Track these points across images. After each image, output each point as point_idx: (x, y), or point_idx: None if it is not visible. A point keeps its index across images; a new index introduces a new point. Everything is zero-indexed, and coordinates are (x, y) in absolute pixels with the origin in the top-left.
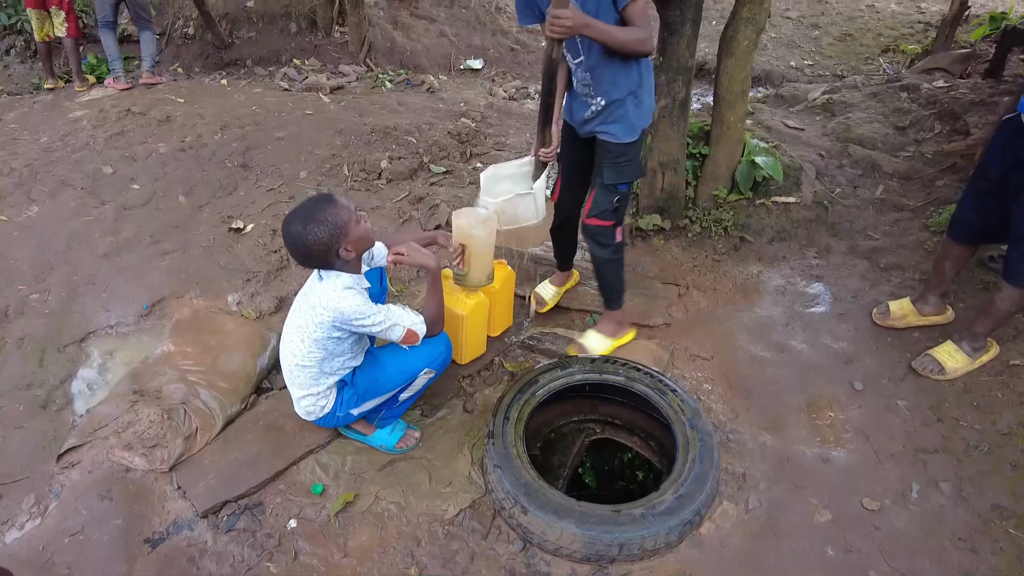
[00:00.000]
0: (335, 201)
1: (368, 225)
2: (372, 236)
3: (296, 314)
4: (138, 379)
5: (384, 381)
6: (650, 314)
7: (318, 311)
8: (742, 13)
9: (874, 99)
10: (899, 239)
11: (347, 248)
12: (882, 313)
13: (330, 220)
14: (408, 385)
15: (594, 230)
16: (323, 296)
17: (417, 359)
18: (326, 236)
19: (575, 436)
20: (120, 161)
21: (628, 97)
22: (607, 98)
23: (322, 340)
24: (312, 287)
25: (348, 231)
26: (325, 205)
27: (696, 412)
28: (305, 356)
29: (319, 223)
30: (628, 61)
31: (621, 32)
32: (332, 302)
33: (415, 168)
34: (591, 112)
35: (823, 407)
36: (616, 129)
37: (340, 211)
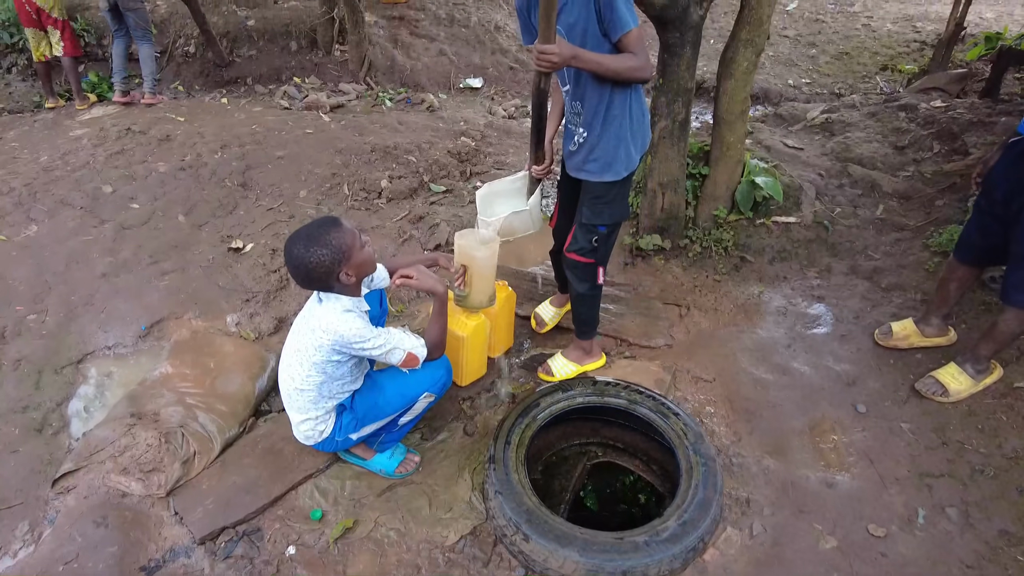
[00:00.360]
0: (340, 224)
1: (371, 250)
2: (375, 261)
3: (295, 337)
4: (136, 402)
5: (383, 405)
6: (651, 335)
7: (317, 334)
8: (741, 35)
9: (873, 119)
10: (900, 259)
11: (348, 272)
12: (884, 334)
13: (333, 243)
14: (408, 409)
15: (572, 263)
16: (322, 319)
17: (417, 383)
18: (328, 259)
19: (577, 460)
20: (120, 180)
21: (610, 134)
22: (589, 131)
23: (321, 364)
24: (311, 310)
25: (351, 255)
26: (329, 228)
27: (699, 436)
28: (304, 380)
29: (322, 246)
30: (616, 94)
31: (614, 61)
32: (332, 325)
33: (415, 187)
34: (575, 144)
35: (826, 430)
36: (594, 168)
37: (344, 235)
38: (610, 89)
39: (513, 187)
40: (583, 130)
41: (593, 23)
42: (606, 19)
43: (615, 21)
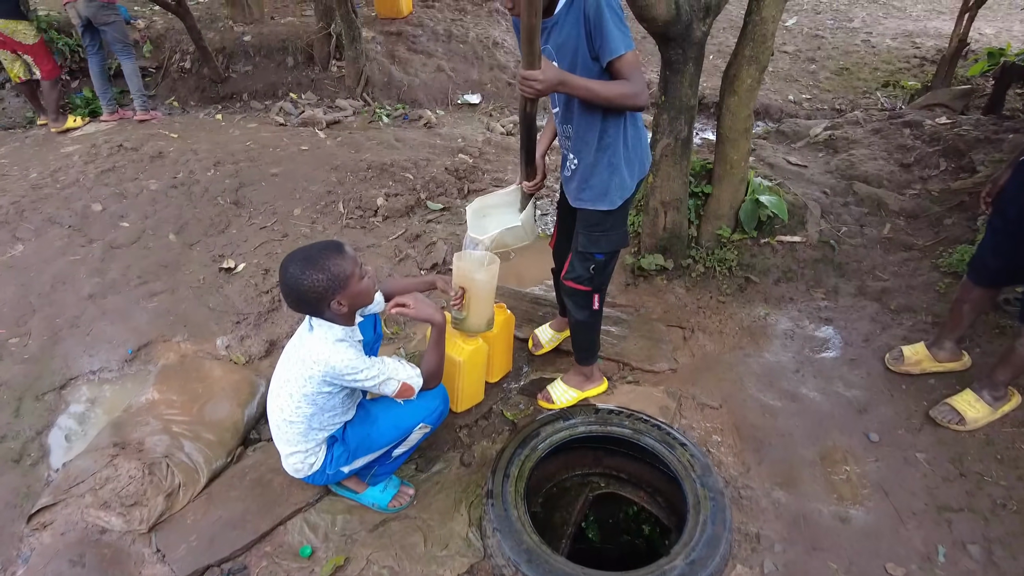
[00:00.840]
0: (342, 251)
1: (371, 283)
2: (373, 294)
3: (284, 366)
4: (119, 430)
5: (376, 437)
6: (654, 359)
7: (307, 365)
8: (745, 52)
9: (877, 135)
10: (909, 280)
11: (341, 302)
12: (895, 359)
13: (331, 269)
14: (402, 441)
15: (570, 291)
16: (313, 349)
17: (412, 414)
18: (323, 285)
19: (578, 491)
20: (110, 198)
21: (602, 162)
22: (580, 159)
23: (312, 395)
24: (301, 338)
25: (347, 285)
26: (330, 253)
27: (707, 468)
28: (293, 412)
29: (319, 270)
30: (608, 119)
31: (605, 87)
32: (322, 356)
33: (412, 205)
34: (568, 170)
35: (838, 460)
36: (588, 196)
37: (344, 262)
38: (602, 115)
39: (505, 201)
40: (574, 157)
41: (583, 44)
42: (596, 42)
43: (606, 45)
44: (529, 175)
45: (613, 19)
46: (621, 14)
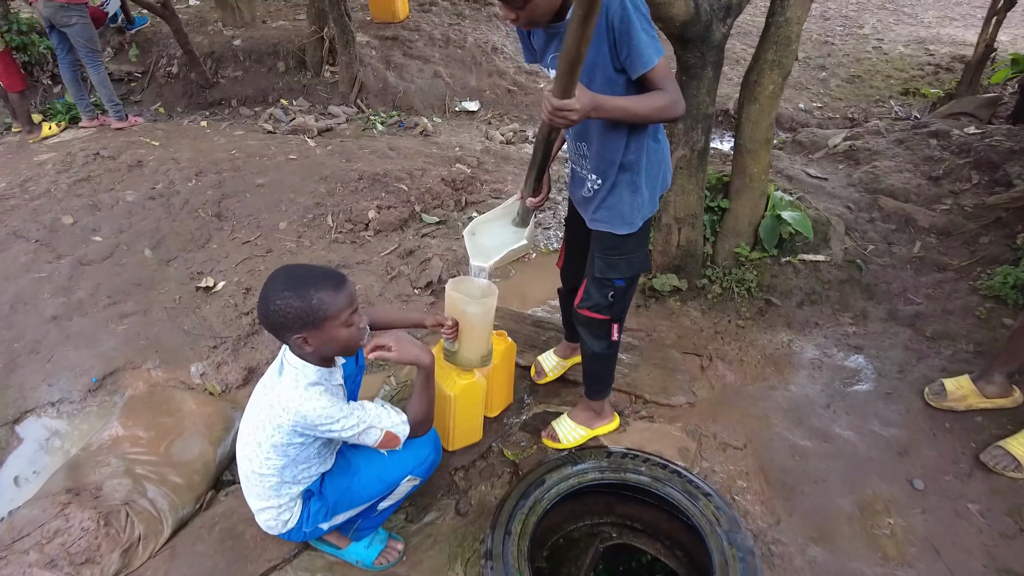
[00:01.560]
0: (339, 287)
1: (356, 334)
2: (354, 345)
3: (253, 410)
4: (76, 472)
5: (358, 491)
6: (670, 391)
7: (276, 411)
8: (767, 56)
9: (901, 146)
10: (944, 303)
11: (307, 340)
12: (936, 393)
13: (312, 301)
14: (388, 495)
15: (585, 320)
16: (283, 394)
17: (398, 465)
18: (293, 314)
19: (587, 542)
20: (82, 210)
21: (623, 182)
22: (603, 178)
23: (281, 446)
24: (272, 379)
25: (322, 326)
26: (322, 282)
27: (734, 522)
28: (263, 463)
29: (299, 296)
30: (632, 135)
31: (640, 104)
32: (293, 403)
33: (406, 218)
34: (588, 191)
35: (879, 511)
36: (605, 218)
37: (333, 299)
38: (627, 132)
39: (501, 216)
40: (596, 177)
41: (605, 55)
42: (623, 54)
43: (637, 57)
44: (535, 191)
45: (642, 24)
46: (648, 16)
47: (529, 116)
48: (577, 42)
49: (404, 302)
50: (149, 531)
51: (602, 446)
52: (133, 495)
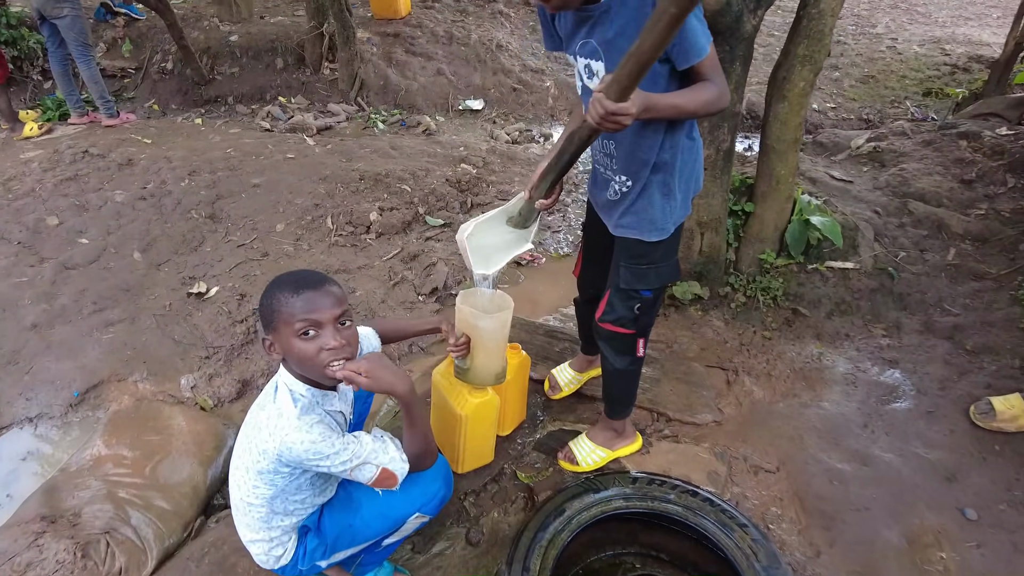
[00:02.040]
0: (301, 290)
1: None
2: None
3: (245, 432)
4: (52, 496)
5: (361, 529)
6: (695, 408)
7: (263, 436)
8: (798, 51)
9: (929, 147)
10: (984, 315)
11: (272, 345)
12: (984, 413)
13: (272, 301)
14: (393, 532)
15: (608, 335)
16: (271, 419)
17: (406, 502)
18: (260, 311)
19: (609, 574)
20: (68, 211)
21: (655, 183)
22: (634, 179)
23: (268, 474)
24: (265, 398)
25: (279, 331)
26: (293, 281)
27: (773, 557)
28: (250, 491)
29: (267, 295)
30: (668, 133)
31: (690, 100)
32: (280, 430)
33: (409, 220)
34: (614, 193)
35: (929, 544)
36: (633, 224)
37: (288, 301)
38: (663, 128)
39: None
40: (625, 178)
41: None
42: (675, 43)
43: (690, 46)
44: (548, 193)
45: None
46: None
47: (535, 115)
48: (658, 45)
49: (408, 310)
50: (131, 563)
51: (625, 470)
52: (115, 522)
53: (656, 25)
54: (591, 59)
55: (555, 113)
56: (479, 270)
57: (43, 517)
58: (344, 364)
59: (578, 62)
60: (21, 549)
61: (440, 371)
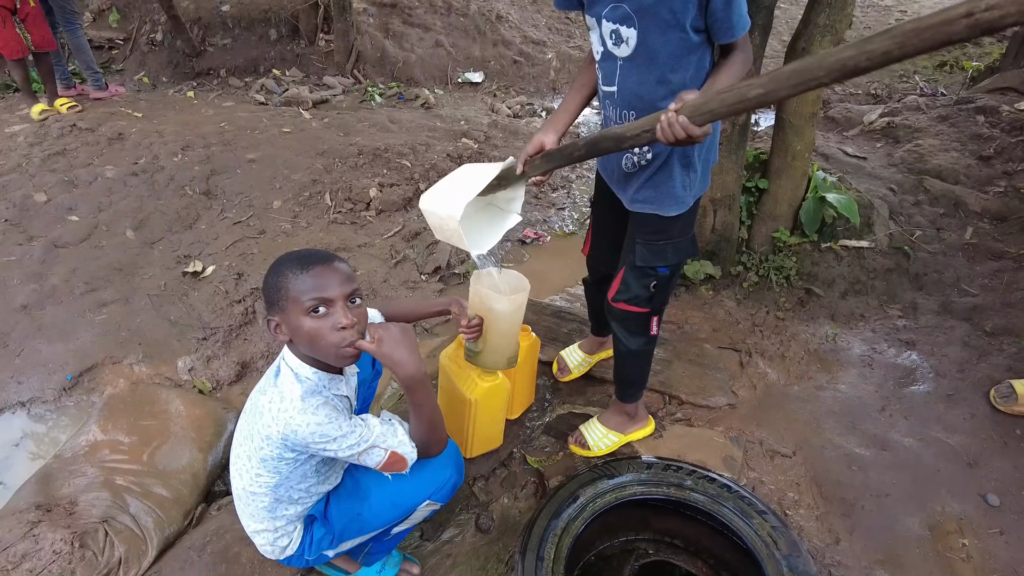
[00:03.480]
0: (310, 266)
1: (327, 331)
2: (326, 348)
3: (246, 418)
4: (47, 484)
5: (369, 518)
6: (708, 391)
7: (266, 420)
8: (818, 20)
9: (944, 123)
10: (1004, 295)
11: (278, 325)
12: (1005, 396)
13: (278, 278)
14: (403, 520)
15: (621, 315)
16: (275, 401)
17: (415, 489)
18: (265, 290)
19: (622, 560)
20: (57, 187)
21: (675, 155)
22: (655, 148)
23: (271, 460)
24: (267, 381)
25: (287, 310)
26: (301, 259)
27: (794, 546)
28: (253, 479)
29: (272, 273)
30: None
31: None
32: (284, 413)
33: (409, 197)
34: (631, 165)
35: (951, 531)
36: (651, 197)
37: (297, 277)
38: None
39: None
40: (646, 148)
41: (691, 15)
42: (721, 17)
43: (736, 19)
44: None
45: None
46: None
47: (536, 88)
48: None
49: (410, 289)
50: (131, 553)
51: (637, 455)
52: (113, 511)
53: (795, 87)
54: (622, 25)
55: (557, 86)
56: (476, 251)
57: (38, 506)
58: None
59: (602, 26)
60: (16, 539)
61: (448, 354)
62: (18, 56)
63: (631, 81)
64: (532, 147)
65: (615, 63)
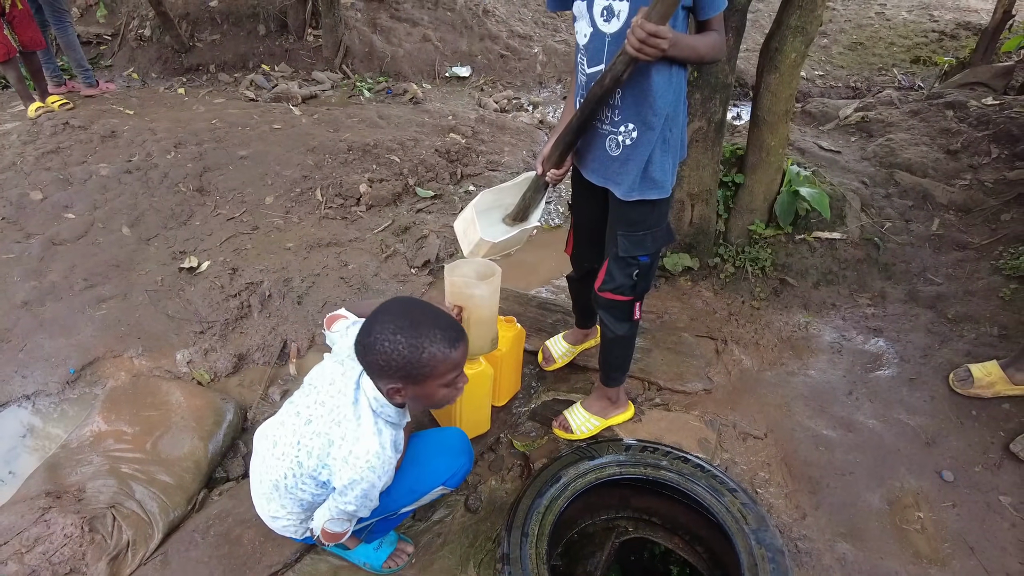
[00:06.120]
0: (456, 345)
1: (453, 394)
2: (446, 403)
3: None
4: (55, 472)
5: (387, 503)
6: (685, 377)
7: (336, 462)
8: (790, 21)
9: (916, 118)
10: (966, 284)
11: (399, 391)
12: (962, 380)
13: (423, 356)
14: (417, 500)
15: (608, 303)
16: (352, 444)
17: (433, 476)
18: (397, 363)
19: (603, 537)
20: (52, 185)
21: (656, 135)
22: (640, 127)
23: (329, 487)
24: (344, 407)
25: (425, 380)
26: (441, 336)
27: (762, 520)
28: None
29: (411, 345)
30: (672, 78)
31: (703, 43)
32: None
33: (399, 192)
34: (615, 146)
35: (908, 505)
36: (635, 183)
37: (446, 358)
38: (668, 70)
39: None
40: (632, 127)
41: None
42: None
43: None
44: (560, 162)
45: None
46: None
47: (523, 83)
48: None
49: (401, 283)
50: (138, 536)
51: (618, 437)
52: (119, 497)
53: None
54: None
55: (543, 80)
56: (488, 237)
57: (48, 493)
58: None
59: (595, 6)
60: (28, 524)
61: None
62: (5, 58)
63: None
64: (547, 149)
65: (604, 40)
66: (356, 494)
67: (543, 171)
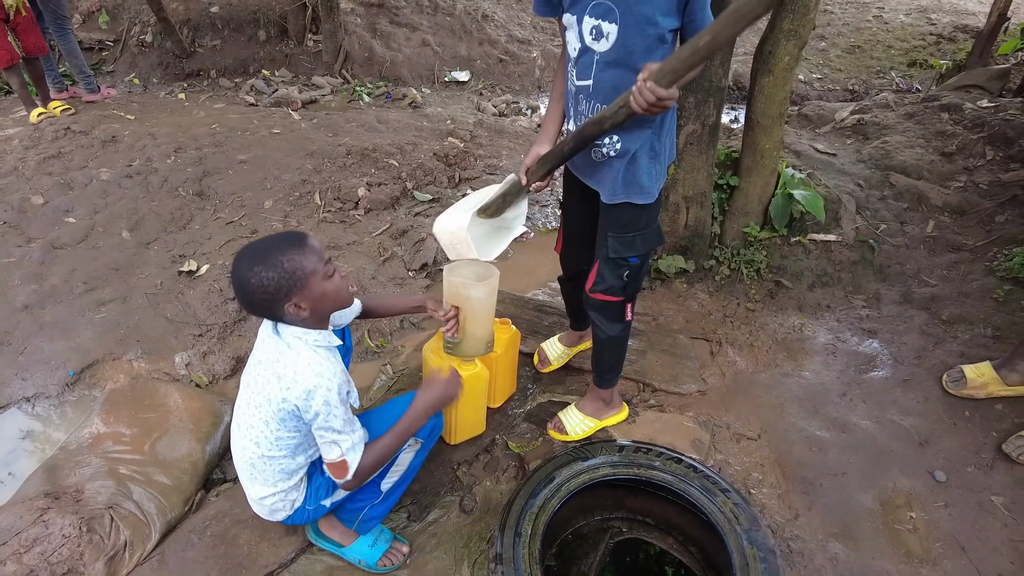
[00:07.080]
0: (302, 244)
1: (341, 282)
2: (346, 295)
3: (251, 390)
4: (54, 474)
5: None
6: (680, 378)
7: (284, 385)
8: (783, 25)
9: (911, 120)
10: (960, 286)
11: (299, 304)
12: (956, 381)
13: (286, 266)
14: (391, 466)
15: (599, 304)
16: (291, 364)
17: None
18: (274, 284)
19: (597, 538)
20: (53, 189)
21: (645, 145)
22: (625, 139)
23: (291, 420)
24: (275, 351)
25: (306, 285)
26: (286, 246)
27: (754, 520)
28: (272, 444)
29: (270, 267)
30: None
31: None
32: (309, 369)
33: (397, 196)
34: (600, 156)
35: (901, 505)
36: (623, 189)
37: (304, 257)
38: None
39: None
40: (617, 139)
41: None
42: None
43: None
44: (545, 177)
45: None
46: None
47: (522, 87)
48: (729, 41)
49: (398, 285)
50: (136, 537)
51: (612, 439)
52: (117, 498)
53: (737, 23)
54: (603, 20)
55: (542, 84)
56: (484, 259)
57: (47, 494)
58: None
59: (584, 23)
60: (27, 525)
61: (430, 347)
62: (8, 64)
63: (608, 75)
64: (530, 159)
65: (592, 57)
66: (319, 402)
67: (527, 183)
